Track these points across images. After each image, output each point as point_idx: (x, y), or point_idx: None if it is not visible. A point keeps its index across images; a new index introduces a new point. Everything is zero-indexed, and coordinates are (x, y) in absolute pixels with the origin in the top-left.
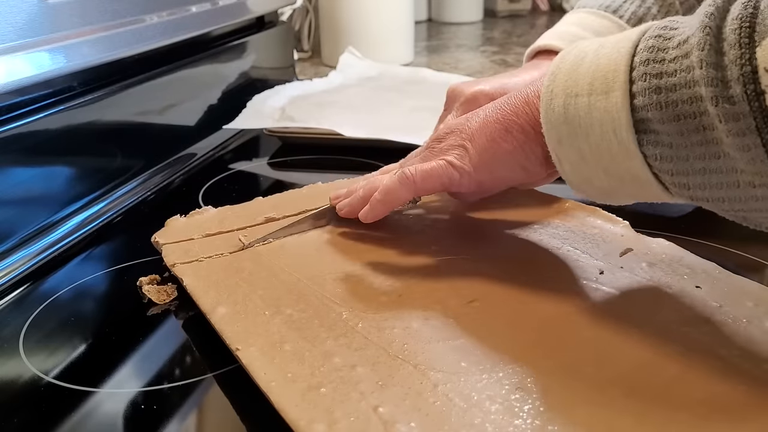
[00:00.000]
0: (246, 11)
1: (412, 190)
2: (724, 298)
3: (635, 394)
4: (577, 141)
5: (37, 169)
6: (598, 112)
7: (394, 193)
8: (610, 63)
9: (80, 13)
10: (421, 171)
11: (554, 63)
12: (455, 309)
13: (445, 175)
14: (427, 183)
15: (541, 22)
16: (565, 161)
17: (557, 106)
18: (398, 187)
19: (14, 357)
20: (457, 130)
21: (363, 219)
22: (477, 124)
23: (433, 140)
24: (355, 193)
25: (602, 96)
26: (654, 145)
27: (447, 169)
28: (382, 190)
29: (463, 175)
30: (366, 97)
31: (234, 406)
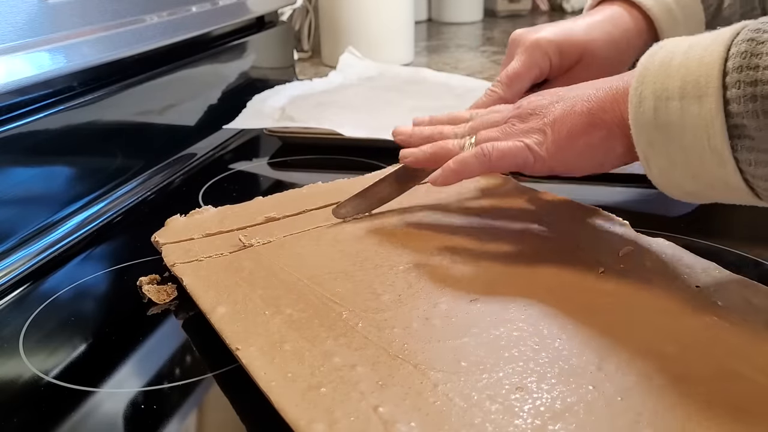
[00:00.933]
0: (246, 11)
1: (486, 167)
2: (725, 298)
3: (633, 394)
4: (667, 146)
5: (37, 169)
6: (691, 118)
7: (468, 167)
8: (702, 67)
9: (80, 13)
10: (498, 150)
11: (641, 64)
12: (456, 309)
13: (521, 157)
14: (502, 162)
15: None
16: (654, 165)
17: (647, 110)
18: (474, 162)
19: (14, 357)
20: (540, 113)
21: (432, 182)
22: (561, 111)
23: (514, 116)
24: (422, 148)
25: (695, 101)
26: (749, 150)
27: (523, 151)
28: (457, 160)
29: (538, 160)
30: (366, 97)
31: (234, 405)
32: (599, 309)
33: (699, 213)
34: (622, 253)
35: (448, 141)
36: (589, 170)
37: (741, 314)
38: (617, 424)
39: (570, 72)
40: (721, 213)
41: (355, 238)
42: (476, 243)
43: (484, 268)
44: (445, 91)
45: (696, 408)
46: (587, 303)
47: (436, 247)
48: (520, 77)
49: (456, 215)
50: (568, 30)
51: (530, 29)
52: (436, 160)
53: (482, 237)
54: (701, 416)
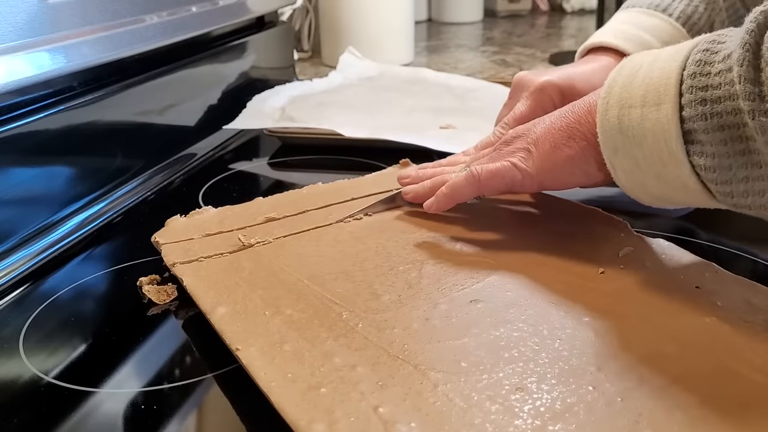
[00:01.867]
0: (246, 11)
1: (476, 188)
2: (724, 298)
3: (633, 395)
4: (631, 150)
5: (37, 169)
6: (650, 123)
7: (459, 189)
8: (663, 76)
9: (80, 13)
10: (486, 171)
11: (611, 75)
12: (456, 309)
13: (509, 176)
14: (492, 182)
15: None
16: (619, 169)
17: (612, 117)
18: (464, 184)
19: (14, 357)
20: (523, 135)
21: (427, 209)
22: (542, 130)
23: (501, 143)
24: (423, 183)
25: (654, 108)
26: (700, 155)
27: (511, 170)
28: (449, 185)
29: (526, 176)
30: (366, 97)
31: (234, 406)
32: (599, 309)
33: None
34: (621, 254)
35: (445, 175)
36: (578, 182)
37: (741, 314)
38: (617, 425)
39: None
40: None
41: (355, 238)
42: (476, 244)
43: (484, 269)
44: (445, 91)
45: (696, 408)
46: (587, 303)
47: (435, 248)
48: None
49: (455, 217)
50: (570, 76)
51: (534, 73)
52: (434, 192)
53: (482, 238)
54: (701, 417)
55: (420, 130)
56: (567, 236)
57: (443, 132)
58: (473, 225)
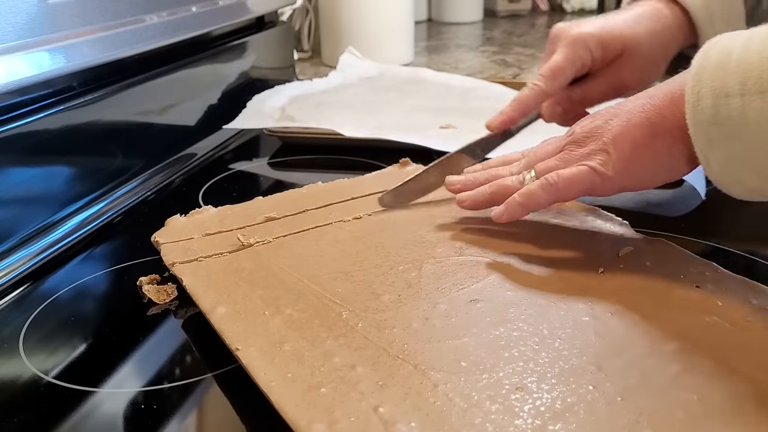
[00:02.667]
0: (246, 11)
1: (554, 196)
2: (724, 298)
3: (634, 394)
4: (728, 143)
5: (37, 169)
6: (754, 113)
7: (535, 198)
8: (764, 60)
9: (80, 13)
10: (563, 178)
11: (696, 63)
12: (456, 309)
13: (588, 182)
14: (570, 190)
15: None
16: (714, 162)
17: (706, 107)
18: (540, 193)
19: (14, 357)
20: (597, 134)
21: (496, 219)
22: (619, 127)
23: (570, 143)
24: (480, 189)
25: (757, 96)
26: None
27: (590, 175)
28: (523, 193)
29: (606, 181)
30: (366, 97)
31: (234, 405)
32: (599, 309)
33: (699, 213)
34: (621, 253)
35: (505, 179)
36: (661, 180)
37: (741, 314)
38: (618, 424)
39: (612, 65)
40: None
41: (355, 238)
42: (475, 244)
43: (484, 268)
44: (446, 91)
45: (696, 407)
46: (587, 303)
47: (435, 247)
48: (563, 70)
49: (454, 215)
50: (610, 24)
51: (571, 24)
52: (496, 199)
53: (481, 238)
54: (702, 415)
55: (420, 129)
56: (567, 235)
57: (443, 132)
58: (472, 225)
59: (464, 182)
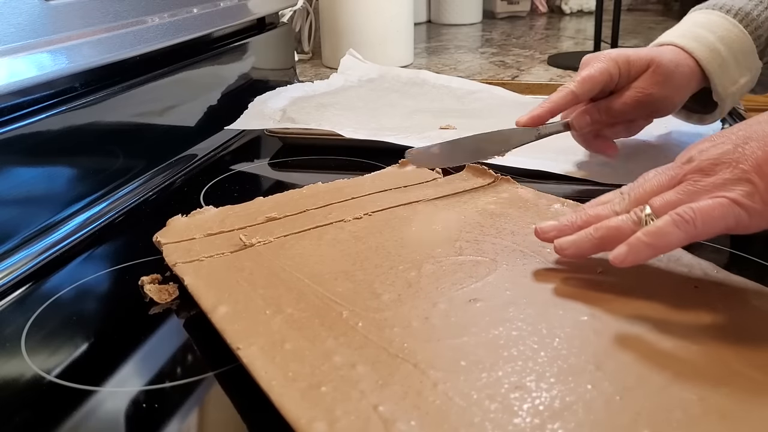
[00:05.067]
0: (247, 13)
1: (691, 236)
2: (722, 298)
3: (632, 393)
4: None
5: (38, 170)
6: None
7: (666, 237)
8: None
9: (82, 15)
10: (701, 212)
11: None
12: (455, 308)
13: (731, 216)
14: (709, 226)
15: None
16: None
17: None
18: (673, 230)
19: (16, 356)
20: (729, 160)
21: (618, 262)
22: (761, 151)
23: (694, 172)
24: (585, 233)
25: None
26: None
27: (732, 208)
28: (650, 232)
29: (754, 215)
30: (366, 98)
31: (235, 404)
32: (598, 308)
33: None
34: None
35: (614, 219)
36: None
37: (740, 314)
38: (616, 424)
39: (638, 79)
40: None
41: (355, 237)
42: (475, 243)
43: (483, 267)
44: (446, 93)
45: (695, 407)
46: (586, 302)
47: (434, 247)
48: (593, 79)
49: (453, 215)
50: (635, 49)
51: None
52: (605, 244)
53: (480, 237)
54: (700, 415)
55: (420, 131)
56: None
57: (443, 132)
58: (470, 224)
59: (560, 228)
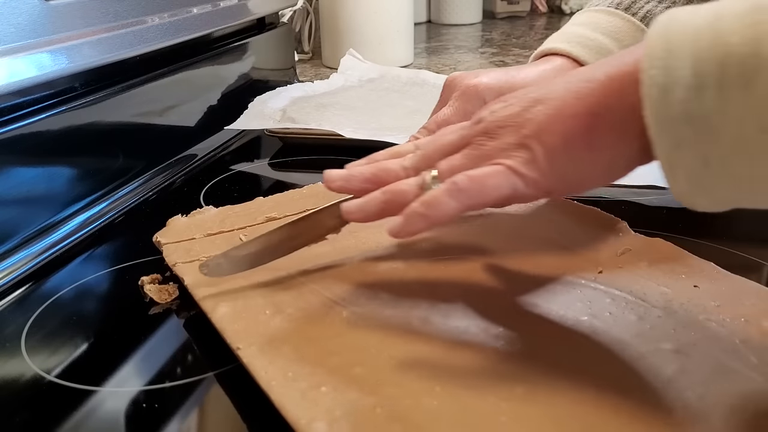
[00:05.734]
0: (247, 13)
1: (465, 205)
2: (723, 297)
3: (632, 395)
4: (702, 146)
5: (38, 170)
6: (737, 109)
7: (441, 207)
8: (746, 43)
9: (82, 15)
10: (475, 181)
11: (652, 43)
12: (454, 309)
13: (507, 185)
14: (485, 196)
15: (539, 24)
16: (680, 168)
17: (674, 103)
18: (447, 200)
19: (16, 356)
20: (514, 123)
21: (394, 234)
22: (544, 116)
23: (480, 133)
24: (372, 197)
25: (741, 88)
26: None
27: (508, 177)
28: (425, 201)
29: (529, 184)
30: (367, 98)
31: (235, 404)
32: (597, 309)
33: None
34: (620, 253)
35: (400, 182)
36: (595, 184)
37: (740, 314)
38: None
39: None
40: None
41: (354, 237)
42: (474, 243)
43: (483, 268)
44: None
45: (695, 407)
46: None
47: (433, 246)
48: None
49: None
50: (511, 76)
51: (469, 73)
52: (392, 209)
53: (480, 237)
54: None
55: None
56: (566, 236)
57: None
58: (471, 223)
59: (346, 177)
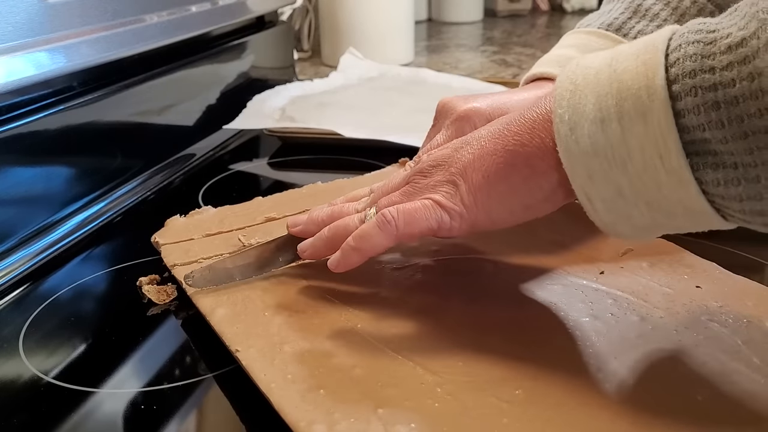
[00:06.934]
0: (246, 11)
1: (393, 236)
2: (725, 297)
3: (633, 396)
4: (612, 174)
5: (37, 169)
6: (637, 139)
7: (371, 240)
8: (638, 78)
9: (80, 13)
10: (404, 213)
11: (558, 85)
12: (455, 310)
13: (433, 218)
14: (412, 227)
15: (541, 22)
16: (596, 199)
17: (581, 137)
18: (375, 233)
19: (14, 357)
20: (444, 163)
21: (333, 268)
22: (470, 155)
23: (416, 173)
24: (320, 234)
25: (638, 119)
26: (714, 168)
27: (434, 210)
28: (357, 235)
29: (454, 217)
30: (366, 97)
31: (233, 406)
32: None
33: None
34: (622, 254)
35: (346, 218)
36: (518, 218)
37: (741, 314)
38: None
39: None
40: None
41: None
42: (473, 244)
43: (483, 269)
44: (446, 92)
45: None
46: (587, 303)
47: (435, 246)
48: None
49: None
50: (503, 102)
51: (461, 98)
52: (336, 244)
53: (479, 238)
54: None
55: (420, 131)
56: (567, 236)
57: None
58: None
59: (306, 222)
